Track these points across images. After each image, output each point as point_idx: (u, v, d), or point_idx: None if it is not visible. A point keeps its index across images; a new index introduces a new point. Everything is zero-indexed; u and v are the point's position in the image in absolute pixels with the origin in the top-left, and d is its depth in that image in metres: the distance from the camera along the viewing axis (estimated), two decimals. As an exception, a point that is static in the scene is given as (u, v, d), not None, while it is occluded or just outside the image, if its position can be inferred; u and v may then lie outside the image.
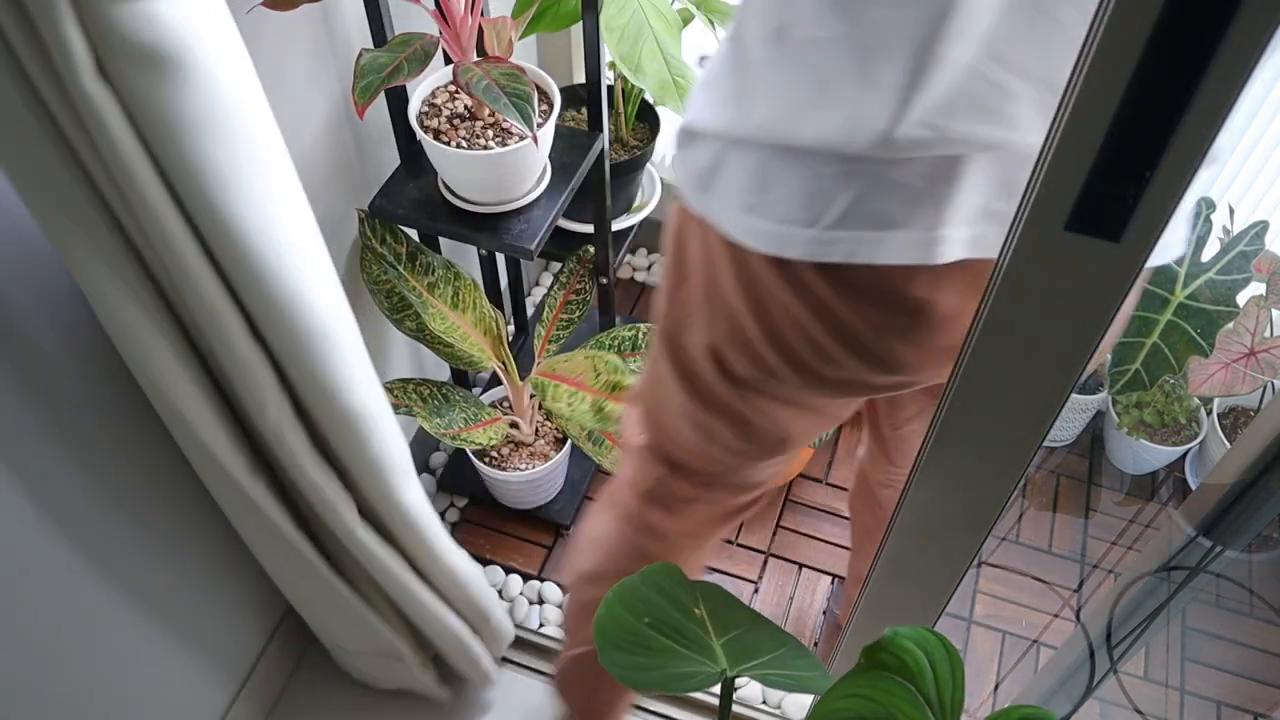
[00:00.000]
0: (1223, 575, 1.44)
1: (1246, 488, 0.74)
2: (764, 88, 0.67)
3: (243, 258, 0.78)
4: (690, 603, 0.80)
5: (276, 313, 0.84)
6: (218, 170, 0.72)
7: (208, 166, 0.72)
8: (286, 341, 0.87)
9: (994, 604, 1.60)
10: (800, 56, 0.64)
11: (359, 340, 0.96)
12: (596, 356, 1.30)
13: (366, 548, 1.11)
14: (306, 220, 0.85)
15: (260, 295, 0.82)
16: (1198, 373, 1.52)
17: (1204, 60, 0.42)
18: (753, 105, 0.68)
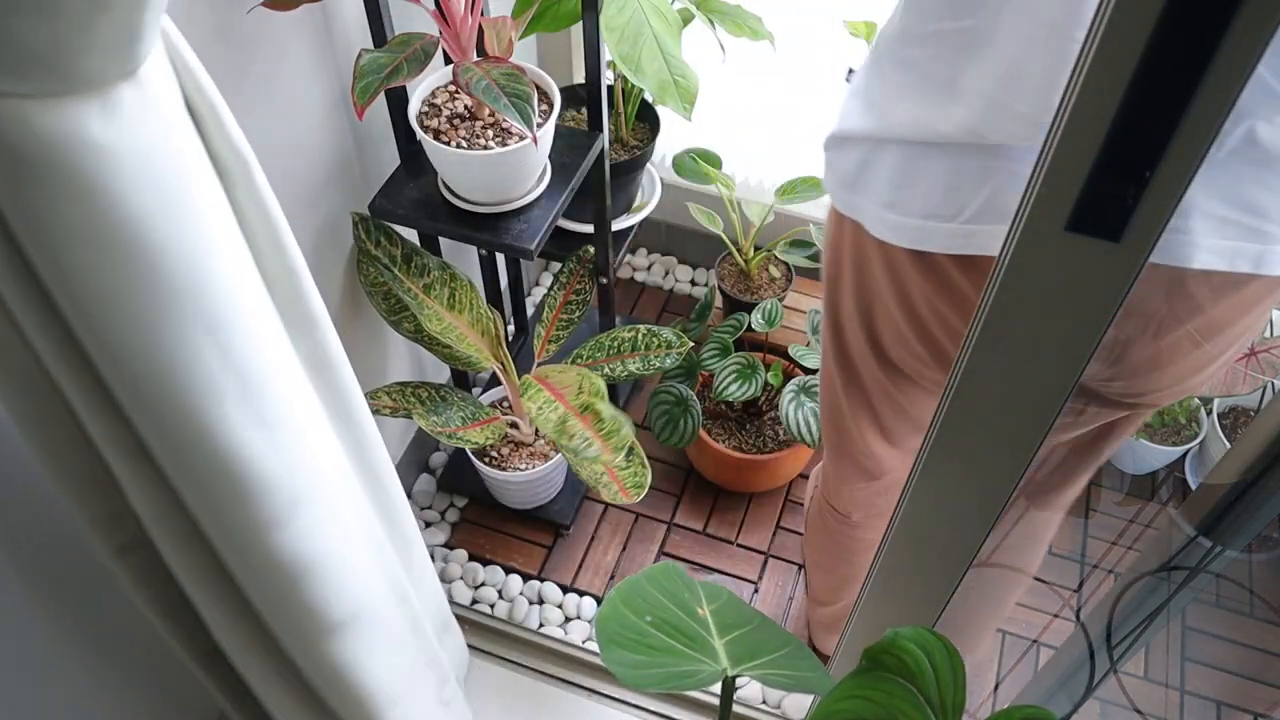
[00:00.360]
0: (1223, 575, 1.44)
1: (1246, 488, 0.74)
2: (903, 87, 0.70)
3: (125, 380, 0.67)
4: (693, 602, 0.80)
5: (167, 447, 0.72)
6: (99, 290, 0.61)
7: (84, 282, 0.60)
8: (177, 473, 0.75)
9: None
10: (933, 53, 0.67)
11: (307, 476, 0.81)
12: (586, 376, 1.29)
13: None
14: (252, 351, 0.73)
15: (148, 426, 0.71)
16: (1197, 372, 1.52)
17: (1204, 60, 0.42)
18: (894, 106, 0.71)
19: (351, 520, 0.91)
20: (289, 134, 1.15)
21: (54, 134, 0.55)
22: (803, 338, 1.73)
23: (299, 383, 0.81)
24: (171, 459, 0.73)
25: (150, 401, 0.68)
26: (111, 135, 0.57)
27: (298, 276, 0.80)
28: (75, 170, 0.56)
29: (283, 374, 0.77)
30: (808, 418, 1.50)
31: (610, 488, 1.34)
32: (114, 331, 0.63)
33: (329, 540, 0.86)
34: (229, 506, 0.76)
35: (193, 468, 0.73)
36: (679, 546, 1.67)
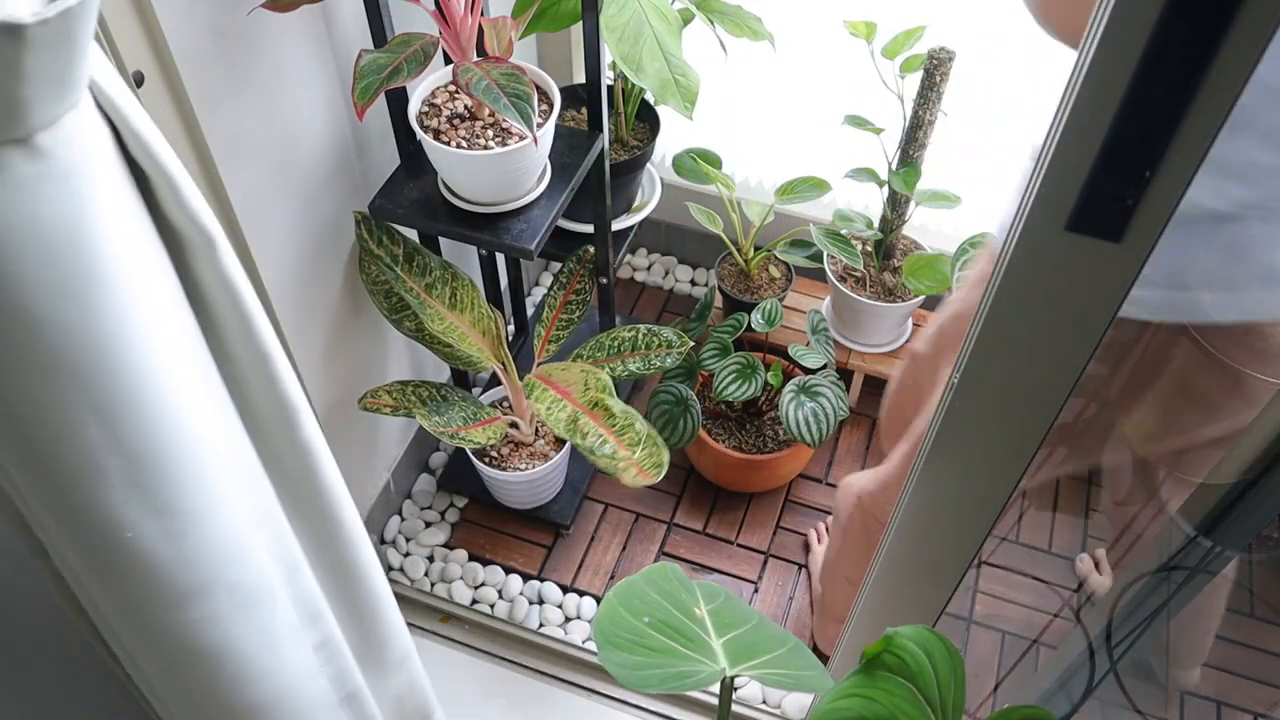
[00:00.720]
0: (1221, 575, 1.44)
1: (1246, 488, 0.74)
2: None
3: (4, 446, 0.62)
4: (690, 602, 0.80)
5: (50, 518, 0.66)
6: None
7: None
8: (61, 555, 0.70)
9: (994, 604, 1.60)
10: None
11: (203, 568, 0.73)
12: (590, 372, 1.30)
13: None
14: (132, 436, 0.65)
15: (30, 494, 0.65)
16: (1197, 373, 1.52)
17: (1204, 60, 0.42)
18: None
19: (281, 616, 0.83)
20: (289, 134, 1.15)
21: None
22: (803, 338, 1.73)
23: (236, 473, 0.74)
24: (50, 530, 0.68)
25: (29, 471, 0.63)
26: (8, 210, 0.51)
27: (268, 360, 0.72)
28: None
29: (207, 462, 0.70)
30: (807, 418, 1.50)
31: (629, 472, 1.34)
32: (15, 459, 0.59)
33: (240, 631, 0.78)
34: (118, 584, 0.70)
35: (74, 541, 0.67)
36: (679, 546, 1.67)
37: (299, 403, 0.76)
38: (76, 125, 0.54)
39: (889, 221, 1.64)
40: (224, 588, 0.74)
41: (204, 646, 0.75)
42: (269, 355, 0.71)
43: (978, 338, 0.61)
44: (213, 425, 0.70)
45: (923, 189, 1.55)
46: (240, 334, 0.69)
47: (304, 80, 1.15)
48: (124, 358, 0.61)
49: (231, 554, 0.74)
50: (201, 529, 0.71)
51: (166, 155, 0.60)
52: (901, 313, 1.69)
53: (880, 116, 1.51)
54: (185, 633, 0.74)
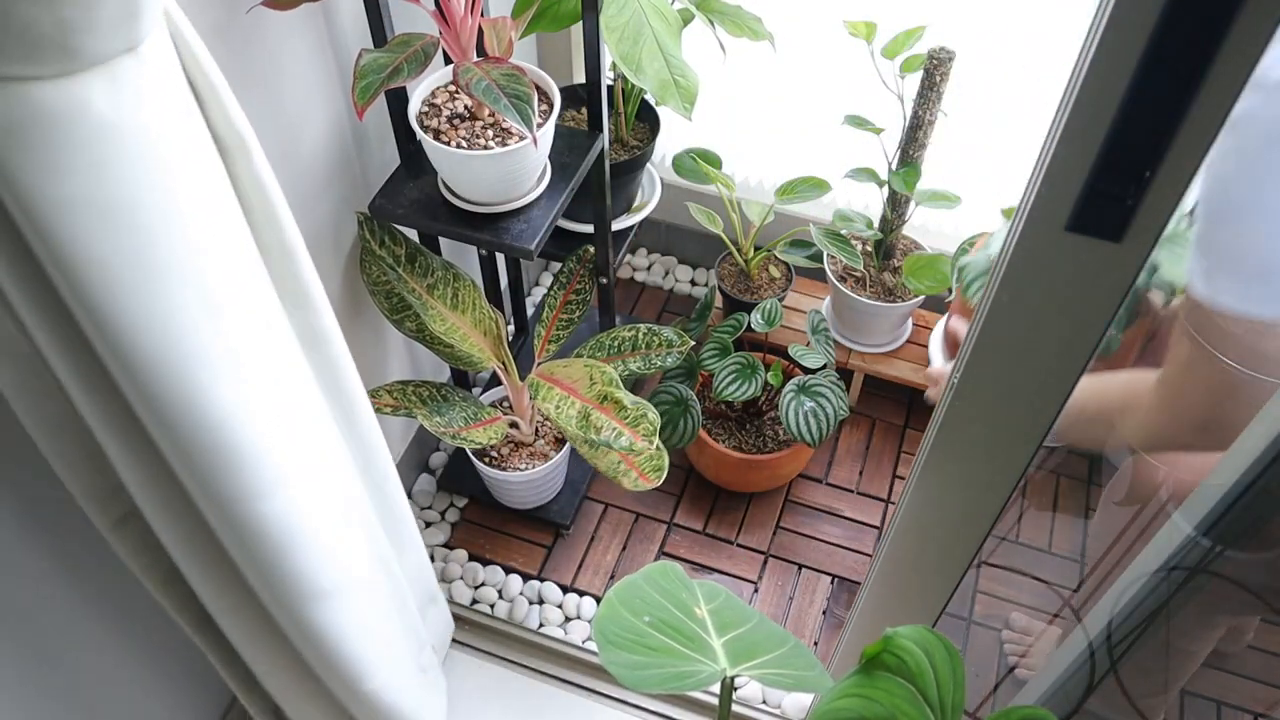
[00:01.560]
0: (1223, 575, 1.44)
1: (1246, 488, 0.74)
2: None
3: (117, 352, 0.68)
4: (691, 602, 0.80)
5: (156, 416, 0.73)
6: (97, 262, 0.62)
7: (82, 255, 0.62)
8: (167, 444, 0.76)
9: (994, 604, 1.60)
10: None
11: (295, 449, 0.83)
12: (594, 366, 1.30)
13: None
14: (245, 326, 0.74)
15: (138, 396, 0.72)
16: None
17: (1204, 61, 0.42)
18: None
19: (338, 492, 0.93)
20: (289, 134, 1.15)
21: (60, 109, 0.56)
22: (802, 337, 1.73)
23: (291, 357, 0.82)
24: (161, 430, 0.74)
25: (142, 372, 0.69)
26: (114, 109, 0.59)
27: (294, 254, 0.81)
28: (80, 143, 0.58)
29: (273, 348, 0.78)
30: (807, 417, 1.50)
31: (630, 475, 1.34)
32: (108, 303, 0.64)
33: (314, 512, 0.88)
34: (216, 477, 0.77)
35: (182, 438, 0.74)
36: (679, 546, 1.67)
37: (318, 292, 0.85)
38: (162, 38, 0.62)
39: (889, 221, 1.64)
40: (304, 471, 0.84)
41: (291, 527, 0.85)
42: (293, 250, 0.80)
43: (978, 338, 0.61)
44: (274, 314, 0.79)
45: (923, 189, 1.55)
46: (270, 230, 0.78)
47: (304, 80, 1.15)
48: (215, 250, 0.69)
49: (307, 437, 0.85)
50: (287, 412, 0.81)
51: (213, 68, 0.67)
52: (901, 313, 1.69)
53: (880, 116, 1.51)
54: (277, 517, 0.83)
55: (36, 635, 1.00)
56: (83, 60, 0.56)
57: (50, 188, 0.58)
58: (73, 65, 0.56)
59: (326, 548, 0.91)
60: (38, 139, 0.57)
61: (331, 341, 0.91)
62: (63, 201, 0.59)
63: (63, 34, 0.53)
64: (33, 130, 0.56)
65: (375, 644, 1.06)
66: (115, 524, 0.91)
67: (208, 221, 0.68)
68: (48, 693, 1.03)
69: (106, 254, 0.62)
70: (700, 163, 1.62)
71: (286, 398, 0.81)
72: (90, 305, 0.64)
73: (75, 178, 0.59)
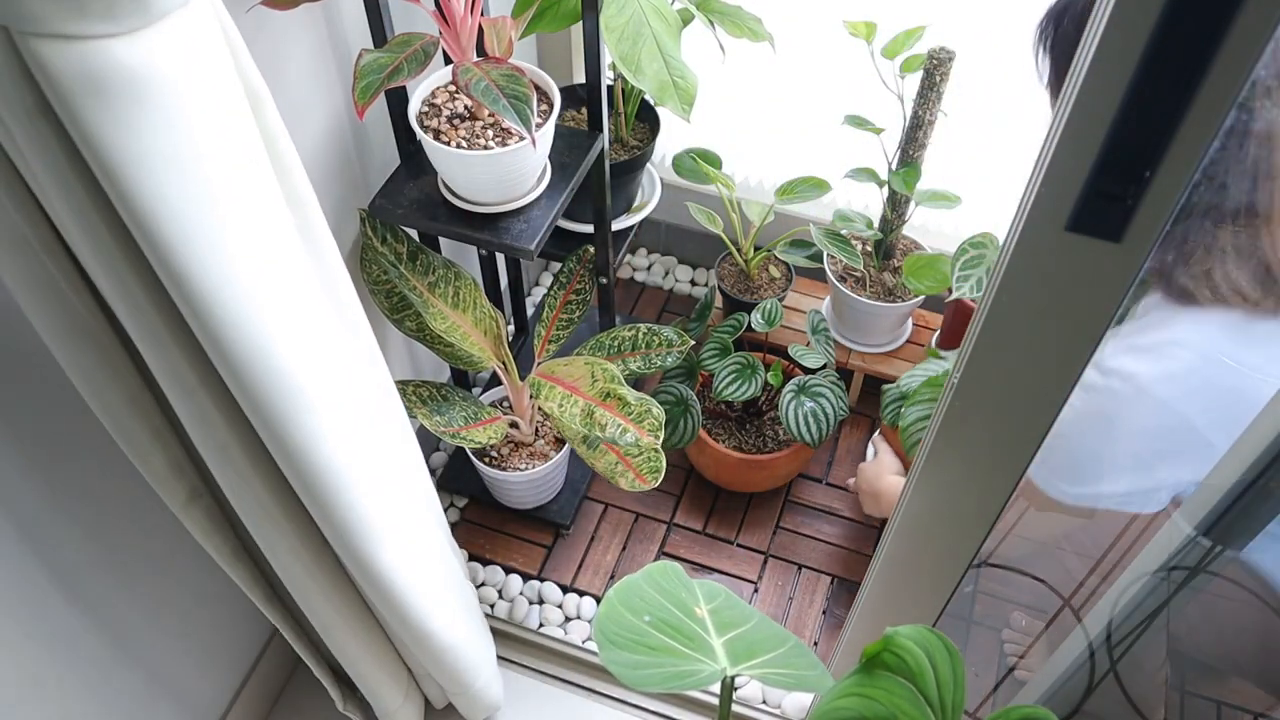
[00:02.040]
0: (1223, 575, 1.44)
1: (1246, 488, 0.74)
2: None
3: (193, 302, 0.71)
4: (690, 601, 0.80)
5: (232, 365, 0.76)
6: (173, 213, 0.66)
7: (161, 209, 0.65)
8: (242, 393, 0.80)
9: (994, 604, 1.60)
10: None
11: (347, 393, 0.88)
12: (595, 364, 1.30)
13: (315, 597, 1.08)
14: (293, 270, 0.78)
15: (214, 346, 0.75)
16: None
17: (1204, 61, 0.42)
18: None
19: (381, 437, 0.98)
20: (289, 133, 1.15)
21: (137, 66, 0.59)
22: (802, 338, 1.73)
23: (322, 303, 0.85)
24: (240, 381, 0.78)
25: (219, 323, 0.72)
26: (177, 63, 0.62)
27: (305, 204, 0.84)
28: (153, 98, 0.61)
29: (310, 295, 0.82)
30: (807, 417, 1.50)
31: (627, 476, 1.34)
32: (185, 254, 0.68)
33: (369, 455, 0.93)
34: (289, 422, 0.82)
35: (257, 385, 0.78)
36: (679, 546, 1.67)
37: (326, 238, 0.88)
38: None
39: (889, 221, 1.64)
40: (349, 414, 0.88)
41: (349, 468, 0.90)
42: (304, 200, 0.83)
43: (978, 338, 0.61)
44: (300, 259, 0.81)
45: (923, 189, 1.55)
46: (287, 179, 0.81)
47: (304, 79, 1.15)
48: (263, 198, 0.73)
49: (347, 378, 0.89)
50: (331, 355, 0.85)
51: (232, 26, 0.70)
52: (901, 313, 1.69)
53: (880, 116, 1.51)
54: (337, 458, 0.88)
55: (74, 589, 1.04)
56: (152, 14, 0.59)
57: (131, 144, 0.61)
58: (144, 20, 0.58)
59: (380, 491, 0.96)
60: (117, 96, 0.59)
61: (341, 286, 0.94)
62: (143, 157, 0.62)
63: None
64: (113, 88, 0.59)
65: (432, 583, 1.11)
66: (185, 502, 0.96)
67: (252, 172, 0.71)
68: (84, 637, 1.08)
69: (182, 206, 0.65)
70: (700, 163, 1.62)
71: (326, 344, 0.84)
72: (171, 259, 0.67)
73: (152, 133, 0.62)
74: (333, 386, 0.85)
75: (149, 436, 0.89)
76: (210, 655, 1.33)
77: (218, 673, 1.37)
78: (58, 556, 1.01)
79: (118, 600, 1.11)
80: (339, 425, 0.87)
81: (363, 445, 0.92)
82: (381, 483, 0.96)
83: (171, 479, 0.94)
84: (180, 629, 1.25)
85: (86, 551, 1.05)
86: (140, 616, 1.16)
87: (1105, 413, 0.91)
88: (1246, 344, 0.82)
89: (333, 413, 0.85)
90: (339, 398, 0.86)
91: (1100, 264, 0.52)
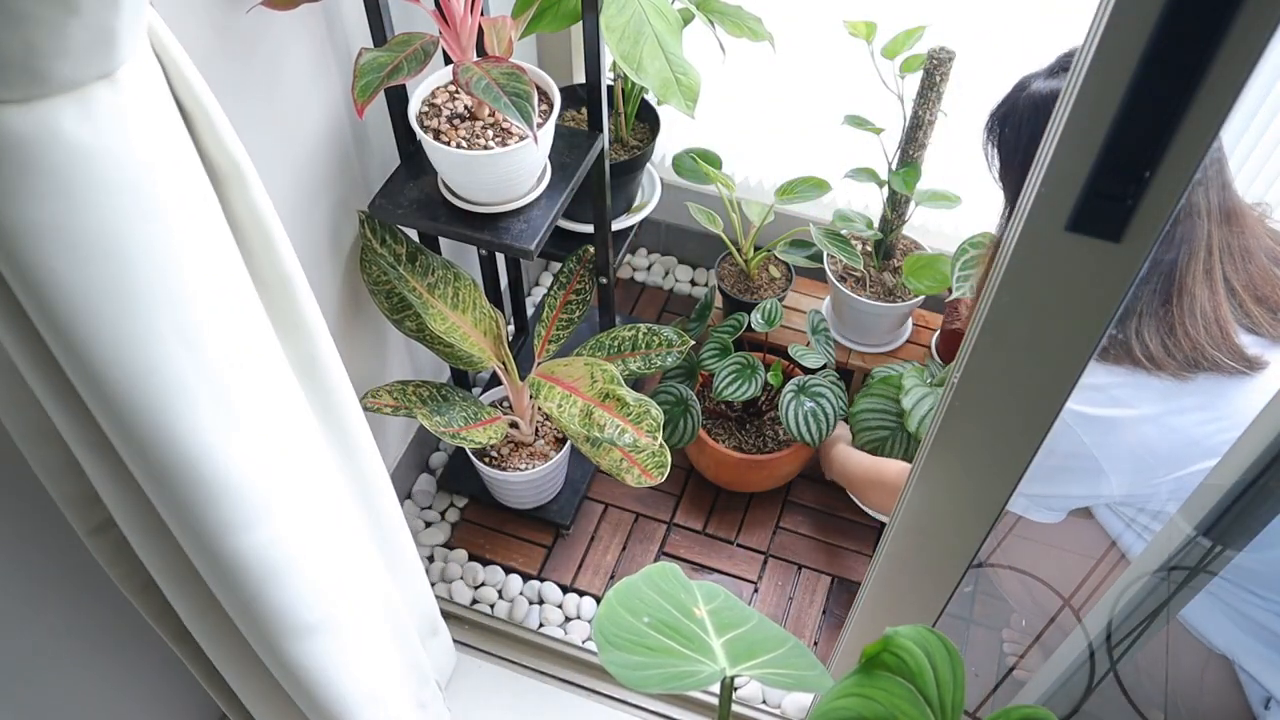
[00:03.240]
0: (1223, 575, 1.44)
1: (1246, 488, 0.74)
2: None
3: (89, 382, 0.66)
4: (689, 602, 0.80)
5: (129, 447, 0.71)
6: (66, 290, 0.60)
7: (50, 283, 0.59)
8: (139, 473, 0.74)
9: (994, 604, 1.60)
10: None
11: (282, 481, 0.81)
12: (595, 364, 1.30)
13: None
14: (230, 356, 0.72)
15: (110, 426, 0.70)
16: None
17: (1204, 61, 0.42)
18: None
19: (330, 525, 0.90)
20: (289, 133, 1.15)
21: (27, 134, 0.54)
22: (802, 338, 1.73)
23: (283, 387, 0.80)
24: (137, 459, 0.72)
25: (113, 401, 0.67)
26: (86, 135, 0.57)
27: (291, 282, 0.79)
28: (48, 169, 0.56)
29: (264, 379, 0.76)
30: (807, 417, 1.50)
31: (633, 472, 1.34)
32: (80, 333, 0.62)
33: (300, 545, 0.84)
34: (194, 507, 0.75)
35: (159, 468, 0.72)
36: (679, 546, 1.67)
37: (316, 321, 0.85)
38: (145, 60, 0.61)
39: (889, 221, 1.64)
40: (290, 504, 0.81)
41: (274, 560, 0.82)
42: (290, 278, 0.79)
43: (978, 338, 0.61)
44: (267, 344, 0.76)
45: (923, 189, 1.55)
46: (266, 258, 0.77)
47: (304, 79, 1.15)
48: (199, 282, 0.67)
49: (296, 469, 0.82)
50: (274, 444, 0.78)
51: (205, 93, 0.66)
52: (901, 313, 1.69)
53: (880, 116, 1.51)
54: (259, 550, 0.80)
55: (13, 652, 0.98)
56: (52, 85, 0.54)
57: (16, 212, 0.56)
58: (41, 90, 0.54)
59: (312, 581, 0.87)
60: (11, 164, 0.55)
61: (330, 370, 0.89)
62: (30, 227, 0.57)
63: (30, 57, 0.52)
64: (5, 155, 0.54)
65: (365, 682, 1.02)
66: (93, 530, 0.89)
67: (193, 251, 0.65)
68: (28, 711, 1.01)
69: (76, 282, 0.60)
70: (700, 163, 1.62)
71: (277, 429, 0.78)
72: (59, 332, 0.62)
73: (43, 203, 0.57)
74: (268, 477, 0.78)
75: (59, 466, 0.82)
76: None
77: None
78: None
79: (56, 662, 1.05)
80: (264, 516, 0.79)
81: (296, 538, 0.84)
82: (315, 578, 0.88)
83: (80, 508, 0.87)
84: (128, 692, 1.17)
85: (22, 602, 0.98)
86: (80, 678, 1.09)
87: None
88: (1149, 398, 0.94)
89: (258, 502, 0.78)
90: (276, 488, 0.79)
91: (1100, 264, 0.52)
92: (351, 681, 0.99)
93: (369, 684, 1.03)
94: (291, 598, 0.85)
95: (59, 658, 1.04)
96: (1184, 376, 0.93)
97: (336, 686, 0.97)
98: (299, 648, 0.90)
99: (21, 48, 0.51)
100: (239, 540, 0.78)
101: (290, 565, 0.83)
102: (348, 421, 0.95)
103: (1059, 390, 0.62)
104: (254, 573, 0.81)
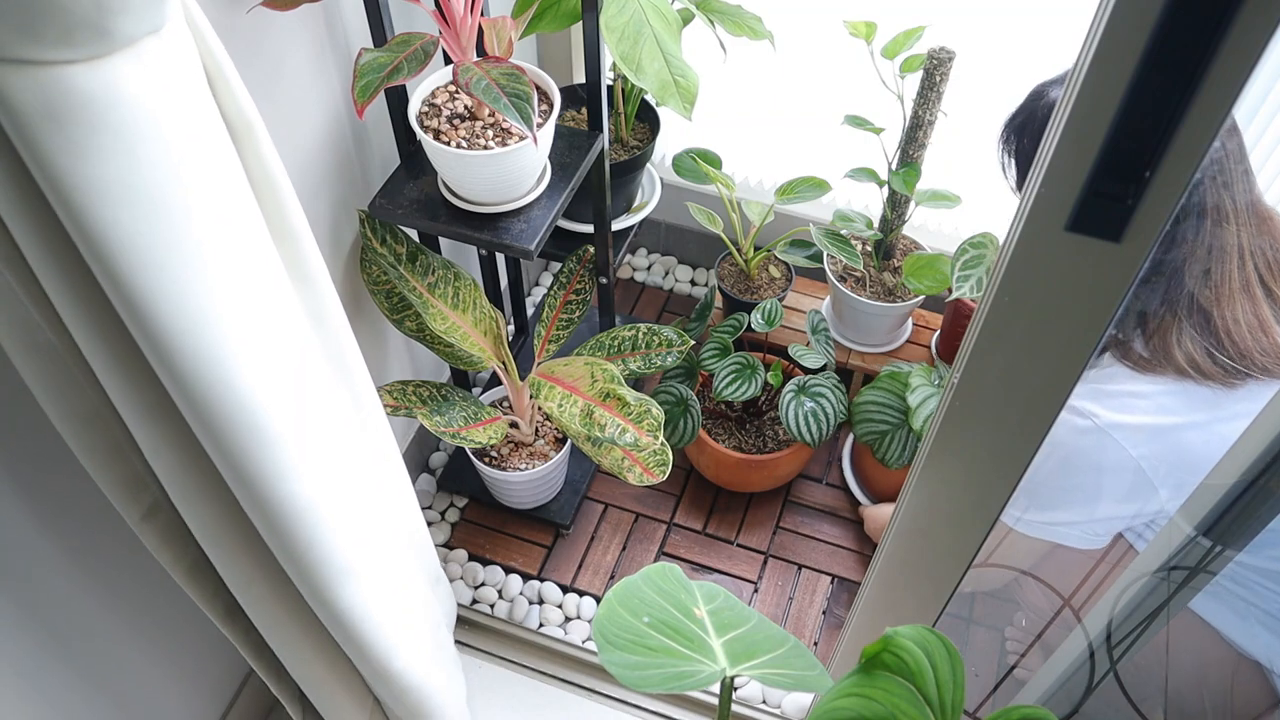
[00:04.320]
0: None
1: (1246, 488, 0.74)
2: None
3: (153, 337, 0.69)
4: (689, 602, 0.80)
5: (190, 399, 0.74)
6: (131, 246, 0.63)
7: (114, 235, 0.62)
8: (198, 423, 0.77)
9: (994, 604, 1.60)
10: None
11: (315, 428, 0.85)
12: (595, 364, 1.30)
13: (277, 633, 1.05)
14: (266, 307, 0.75)
15: (172, 379, 0.73)
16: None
17: (1204, 61, 0.42)
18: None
19: (356, 473, 0.95)
20: (289, 133, 1.15)
21: (95, 93, 0.57)
22: (802, 337, 1.73)
23: (305, 337, 0.83)
24: (195, 412, 0.75)
25: (175, 354, 0.70)
26: (143, 91, 0.59)
27: (298, 237, 0.82)
28: (115, 126, 0.59)
29: (289, 329, 0.79)
30: (807, 417, 1.50)
31: (634, 470, 1.34)
32: (141, 285, 0.65)
33: (338, 492, 0.89)
34: (248, 457, 0.79)
35: (215, 419, 0.75)
36: (678, 546, 1.67)
37: (321, 273, 0.87)
38: (179, 22, 0.63)
39: (889, 221, 1.64)
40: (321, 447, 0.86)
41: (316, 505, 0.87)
42: (298, 233, 0.82)
43: (978, 338, 0.61)
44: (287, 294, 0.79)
45: (923, 189, 1.55)
46: (276, 214, 0.79)
47: (304, 79, 1.15)
48: (237, 232, 0.71)
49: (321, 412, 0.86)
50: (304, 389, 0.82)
51: (221, 52, 0.69)
52: (901, 313, 1.69)
53: (880, 116, 1.51)
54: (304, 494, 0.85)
55: (51, 619, 1.02)
56: (115, 42, 0.57)
57: (85, 171, 0.59)
58: (105, 47, 0.56)
59: (350, 527, 0.93)
60: (73, 123, 0.57)
61: (333, 318, 0.93)
62: (97, 184, 0.60)
63: (100, 15, 0.54)
64: (68, 114, 0.57)
65: (399, 622, 1.08)
66: (143, 516, 0.93)
67: (227, 203, 0.69)
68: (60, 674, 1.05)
69: (138, 236, 0.63)
70: (700, 163, 1.62)
71: (304, 378, 0.82)
72: (124, 288, 0.65)
73: (109, 160, 0.60)
74: (305, 424, 0.82)
75: (107, 450, 0.86)
76: (190, 685, 1.30)
77: (199, 703, 1.34)
78: (30, 583, 0.98)
79: (93, 628, 1.09)
80: (306, 462, 0.83)
81: (333, 483, 0.88)
82: (351, 521, 0.93)
83: (129, 493, 0.90)
84: (159, 657, 1.22)
85: (62, 575, 1.02)
86: (115, 645, 1.13)
87: (1065, 444, 1.00)
88: (1196, 406, 0.94)
89: (300, 449, 0.82)
90: (310, 435, 0.83)
91: (1100, 264, 0.52)
92: (388, 622, 1.05)
93: (401, 625, 1.09)
94: (332, 541, 0.91)
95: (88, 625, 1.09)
96: (1232, 384, 0.93)
97: (376, 626, 1.04)
98: (344, 590, 0.96)
99: (93, 5, 0.54)
100: (288, 487, 0.83)
101: (332, 512, 0.89)
102: (353, 368, 0.98)
103: (1059, 390, 0.62)
104: (303, 518, 0.86)
